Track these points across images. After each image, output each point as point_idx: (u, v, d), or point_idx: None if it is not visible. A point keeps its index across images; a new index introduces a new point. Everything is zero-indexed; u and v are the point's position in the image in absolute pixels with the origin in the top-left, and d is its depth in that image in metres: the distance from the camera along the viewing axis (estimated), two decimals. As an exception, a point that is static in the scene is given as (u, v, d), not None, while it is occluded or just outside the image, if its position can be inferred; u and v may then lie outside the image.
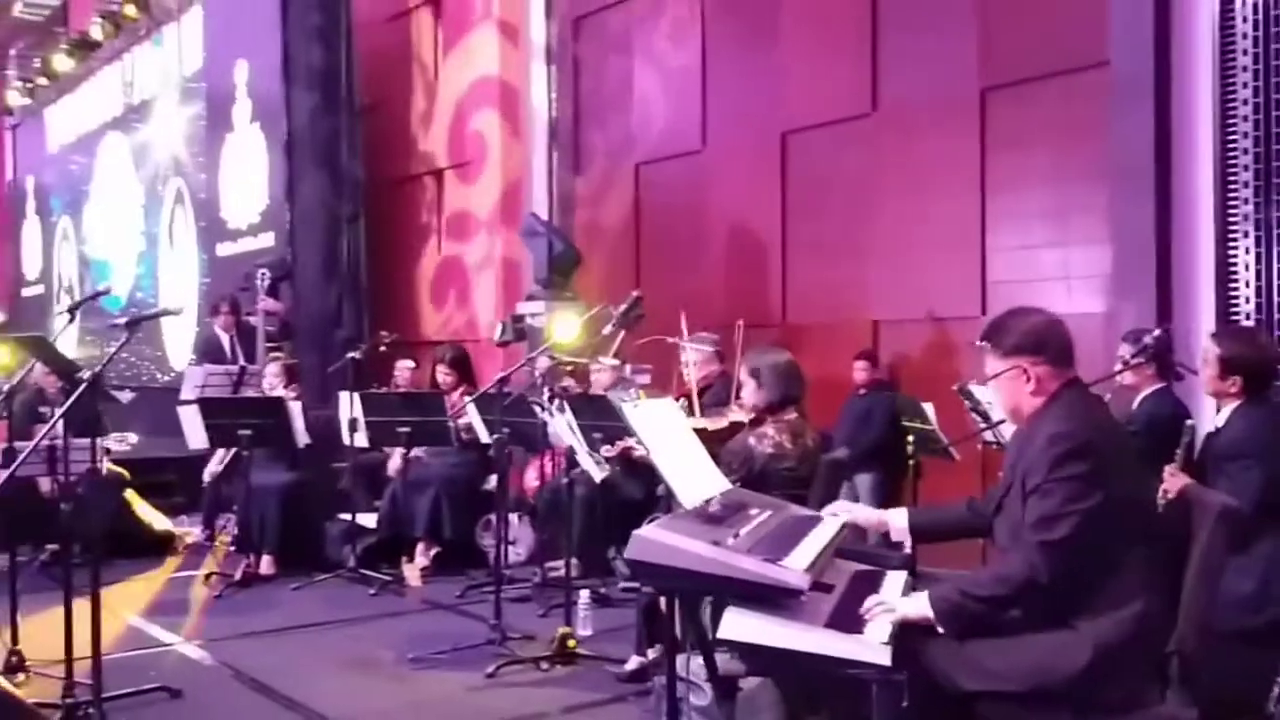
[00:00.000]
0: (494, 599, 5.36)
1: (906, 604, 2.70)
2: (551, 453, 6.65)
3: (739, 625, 2.53)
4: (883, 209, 7.27)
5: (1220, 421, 4.08)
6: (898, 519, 3.23)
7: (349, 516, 7.07)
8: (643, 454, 3.47)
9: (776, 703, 3.30)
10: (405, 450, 7.05)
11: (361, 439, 6.97)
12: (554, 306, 8.22)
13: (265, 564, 6.91)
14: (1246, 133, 5.40)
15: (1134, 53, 5.75)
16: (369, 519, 7.30)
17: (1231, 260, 5.48)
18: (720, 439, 4.51)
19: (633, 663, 4.66)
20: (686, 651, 3.33)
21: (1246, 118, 5.40)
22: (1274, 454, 3.84)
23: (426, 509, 6.99)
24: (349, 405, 6.92)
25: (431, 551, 7.04)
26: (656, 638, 4.33)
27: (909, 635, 2.61)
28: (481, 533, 7.16)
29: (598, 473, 5.15)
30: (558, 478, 6.23)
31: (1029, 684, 2.58)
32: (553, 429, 5.73)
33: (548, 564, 6.51)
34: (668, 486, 3.18)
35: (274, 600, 6.42)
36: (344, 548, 6.99)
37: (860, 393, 7.02)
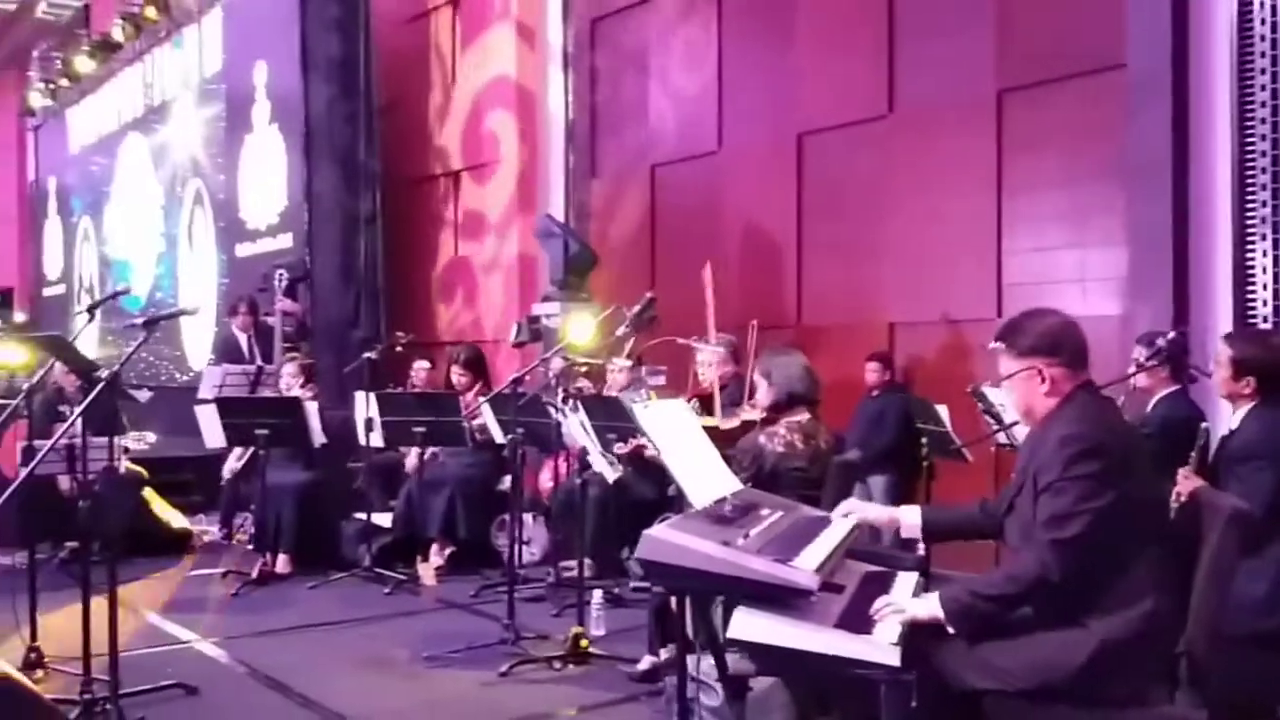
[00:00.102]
0: (508, 598, 5.37)
1: (916, 605, 2.70)
2: (566, 453, 6.67)
3: (748, 625, 2.54)
4: (898, 211, 7.25)
5: (1235, 424, 4.06)
6: (909, 515, 3.23)
7: (364, 516, 7.11)
8: (655, 454, 3.48)
9: (787, 703, 3.30)
10: (421, 450, 7.09)
11: (377, 439, 7.01)
12: (569, 307, 8.23)
13: (281, 563, 6.95)
14: (1264, 134, 5.38)
15: (1151, 54, 5.73)
16: (384, 518, 7.34)
17: (1249, 262, 5.45)
18: (732, 438, 4.52)
19: (645, 663, 4.67)
20: (697, 652, 3.33)
21: (1264, 119, 5.38)
22: (1288, 456, 3.82)
23: (441, 509, 7.02)
24: (365, 405, 6.96)
25: (446, 551, 7.07)
26: (668, 638, 4.34)
27: (918, 636, 2.62)
28: (496, 533, 7.18)
29: (610, 473, 5.17)
30: (572, 478, 6.24)
31: (1035, 680, 2.59)
32: (567, 429, 5.75)
33: (562, 564, 6.54)
34: (678, 487, 3.19)
35: (290, 599, 6.45)
36: (359, 547, 7.03)
37: (873, 394, 7.01)
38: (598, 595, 5.61)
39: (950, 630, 2.65)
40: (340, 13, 9.71)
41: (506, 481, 6.96)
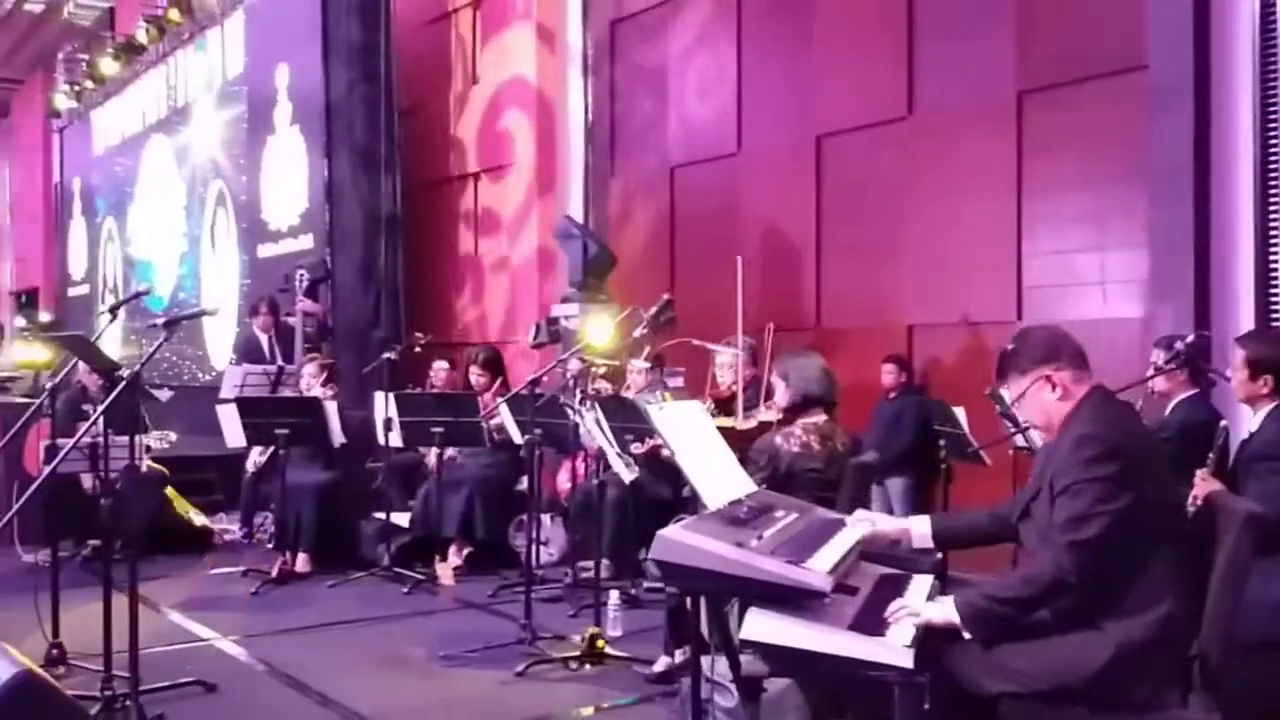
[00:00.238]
0: (525, 599, 5.39)
1: (931, 609, 2.70)
2: (583, 454, 6.68)
3: (761, 626, 2.54)
4: (918, 213, 7.23)
5: (1254, 427, 4.03)
6: (919, 525, 3.23)
7: (383, 515, 7.14)
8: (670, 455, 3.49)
9: (801, 705, 3.30)
10: (440, 450, 7.12)
11: (396, 439, 7.04)
12: (588, 309, 8.24)
13: (301, 562, 6.99)
14: (1287, 136, 5.34)
15: (1173, 55, 5.69)
16: (403, 518, 7.37)
17: (1272, 265, 5.41)
18: (748, 439, 4.53)
19: (661, 664, 4.68)
20: (712, 653, 3.34)
21: (1288, 121, 5.35)
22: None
23: (460, 509, 7.04)
24: (384, 405, 6.99)
25: (464, 551, 7.10)
26: (684, 639, 4.34)
27: (932, 638, 2.62)
28: (514, 533, 7.20)
29: (627, 474, 5.18)
30: (590, 479, 6.25)
31: (1051, 683, 2.58)
32: (585, 430, 5.76)
33: (579, 564, 6.55)
34: (692, 488, 3.20)
35: (309, 597, 6.49)
36: (378, 546, 7.06)
37: (890, 396, 7.00)
38: (614, 596, 5.62)
39: (966, 636, 2.65)
40: (362, 14, 9.75)
41: (524, 482, 6.98)
